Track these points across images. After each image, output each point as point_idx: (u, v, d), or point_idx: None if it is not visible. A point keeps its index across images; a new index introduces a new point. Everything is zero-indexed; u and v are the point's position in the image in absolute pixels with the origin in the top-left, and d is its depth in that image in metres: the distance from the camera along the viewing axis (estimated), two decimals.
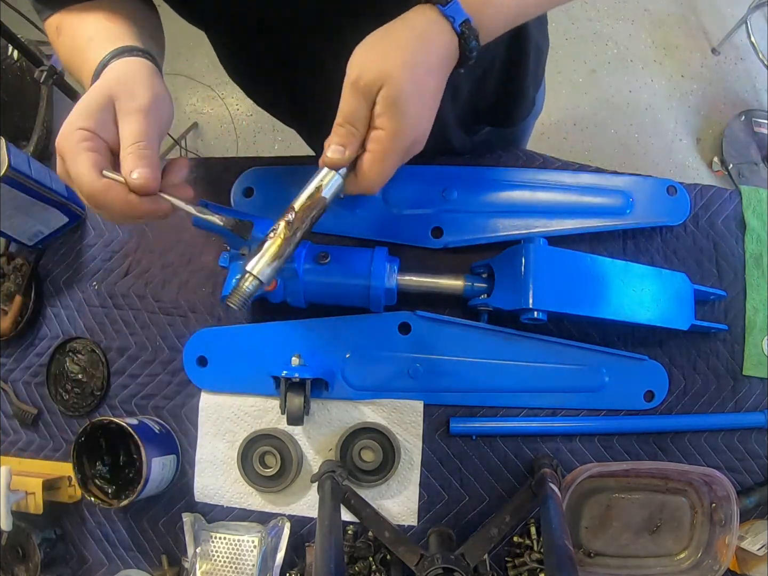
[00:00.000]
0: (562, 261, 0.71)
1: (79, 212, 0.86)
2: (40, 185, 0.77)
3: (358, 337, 0.78)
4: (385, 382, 0.77)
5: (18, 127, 1.42)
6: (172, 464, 0.76)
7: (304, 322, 0.78)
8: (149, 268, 0.85)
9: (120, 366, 0.82)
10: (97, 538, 0.79)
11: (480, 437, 0.77)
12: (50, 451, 0.82)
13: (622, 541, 0.75)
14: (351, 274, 0.72)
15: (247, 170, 0.85)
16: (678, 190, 0.80)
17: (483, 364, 0.76)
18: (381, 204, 0.83)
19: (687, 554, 0.75)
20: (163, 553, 0.77)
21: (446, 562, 0.56)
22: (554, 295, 0.68)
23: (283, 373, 0.68)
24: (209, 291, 0.83)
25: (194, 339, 0.79)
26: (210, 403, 0.79)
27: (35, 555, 0.75)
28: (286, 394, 0.70)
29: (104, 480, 0.75)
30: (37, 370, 0.84)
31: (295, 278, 0.71)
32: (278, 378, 0.70)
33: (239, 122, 2.13)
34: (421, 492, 0.76)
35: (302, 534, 0.76)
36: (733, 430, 0.77)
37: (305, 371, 0.69)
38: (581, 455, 0.76)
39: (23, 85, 1.39)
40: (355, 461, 0.75)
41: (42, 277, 0.86)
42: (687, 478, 0.74)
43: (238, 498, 0.77)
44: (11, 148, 0.74)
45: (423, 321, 0.77)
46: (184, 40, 2.22)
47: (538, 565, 0.72)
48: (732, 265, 0.81)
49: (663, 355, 0.78)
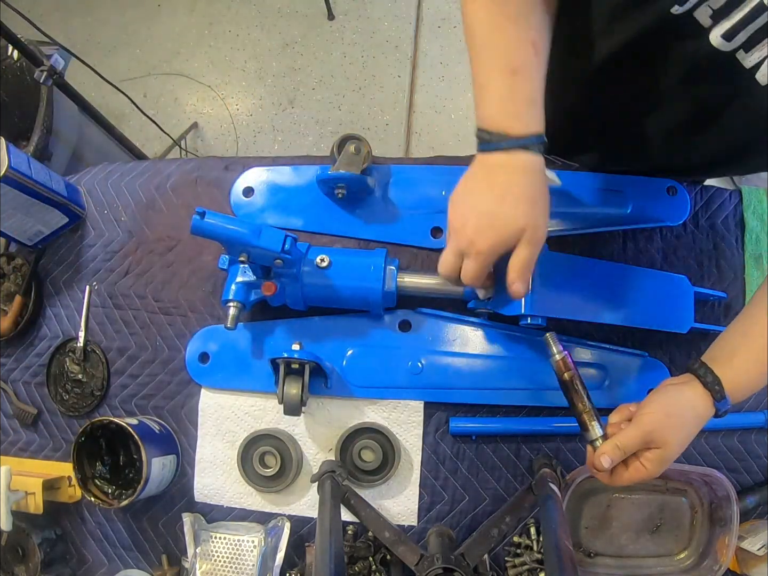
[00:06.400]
0: (561, 266, 0.70)
1: (79, 212, 0.86)
2: (40, 185, 0.77)
3: (358, 334, 0.78)
4: (385, 378, 0.77)
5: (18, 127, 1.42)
6: (172, 464, 0.76)
7: (304, 320, 0.78)
8: (149, 268, 0.85)
9: (120, 366, 0.82)
10: (97, 538, 0.79)
11: (480, 437, 0.77)
12: (50, 451, 0.82)
13: (622, 541, 0.75)
14: (351, 278, 0.72)
15: (247, 170, 0.85)
16: (678, 190, 0.80)
17: (483, 361, 0.76)
18: (381, 204, 0.83)
19: (687, 554, 0.75)
20: (163, 553, 0.77)
21: (446, 562, 0.56)
22: (552, 301, 0.67)
23: (284, 355, 0.69)
24: (209, 291, 0.83)
25: (198, 336, 0.80)
26: (210, 403, 0.79)
27: (35, 555, 0.75)
28: (285, 380, 0.70)
29: (104, 480, 0.75)
30: (37, 370, 0.84)
31: (295, 282, 0.71)
32: (277, 363, 0.70)
33: (239, 122, 2.13)
34: (421, 492, 0.76)
35: (302, 534, 0.76)
36: (733, 430, 0.77)
37: (305, 354, 0.69)
38: (581, 455, 0.76)
39: (23, 85, 1.39)
40: (355, 461, 0.75)
41: (42, 277, 0.86)
42: (687, 478, 0.74)
43: (238, 498, 0.77)
44: (11, 148, 0.74)
45: (423, 318, 0.78)
46: (185, 40, 2.23)
47: (538, 565, 0.72)
48: (732, 265, 0.81)
49: (663, 355, 0.78)
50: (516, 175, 0.57)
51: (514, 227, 0.56)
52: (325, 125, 2.09)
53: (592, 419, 0.60)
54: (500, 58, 0.57)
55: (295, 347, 0.71)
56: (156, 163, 0.90)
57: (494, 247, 0.57)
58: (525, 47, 0.56)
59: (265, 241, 0.65)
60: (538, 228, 0.57)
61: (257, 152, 2.10)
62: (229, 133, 2.13)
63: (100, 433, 0.75)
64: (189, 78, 2.19)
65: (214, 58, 2.21)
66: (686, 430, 0.58)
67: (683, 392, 0.59)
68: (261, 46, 2.20)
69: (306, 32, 2.19)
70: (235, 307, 0.72)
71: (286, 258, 0.67)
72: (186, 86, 2.19)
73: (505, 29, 0.56)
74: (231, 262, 0.75)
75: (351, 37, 2.18)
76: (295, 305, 0.75)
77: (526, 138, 0.56)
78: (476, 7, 0.58)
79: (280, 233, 0.66)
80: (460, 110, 2.07)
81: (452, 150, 2.01)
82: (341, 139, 0.81)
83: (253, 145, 2.11)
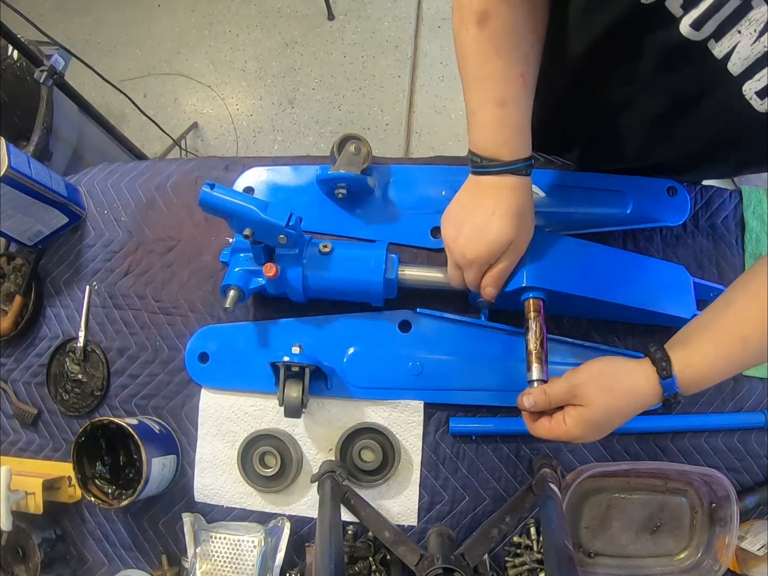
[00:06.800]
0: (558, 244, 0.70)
1: (79, 212, 0.86)
2: (40, 185, 0.77)
3: (358, 335, 0.78)
4: (385, 379, 0.77)
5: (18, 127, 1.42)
6: (172, 464, 0.76)
7: (305, 319, 0.78)
8: (149, 268, 0.85)
9: (120, 366, 0.82)
10: (97, 538, 0.79)
11: (480, 437, 0.77)
12: (50, 451, 0.82)
13: (622, 541, 0.75)
14: (352, 265, 0.72)
15: (247, 170, 0.85)
16: (678, 191, 0.80)
17: (484, 362, 0.76)
18: (381, 204, 0.83)
19: (687, 554, 0.75)
20: (163, 553, 0.77)
21: (446, 562, 0.56)
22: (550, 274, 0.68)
23: (284, 359, 0.69)
24: (209, 290, 0.83)
25: (197, 336, 0.80)
26: (210, 403, 0.79)
27: (35, 555, 0.75)
28: (285, 384, 0.70)
29: (104, 480, 0.75)
30: (37, 370, 0.84)
31: (297, 266, 0.71)
32: (277, 367, 0.70)
33: (239, 122, 2.13)
34: (421, 492, 0.76)
35: (302, 534, 0.76)
36: (733, 430, 0.77)
37: (305, 358, 0.69)
38: (581, 455, 0.76)
39: (23, 85, 1.39)
40: (355, 461, 0.75)
41: (42, 277, 0.86)
42: (687, 478, 0.74)
43: (238, 498, 0.77)
44: (11, 148, 0.74)
45: (424, 319, 0.78)
46: (185, 40, 2.23)
47: (538, 565, 0.72)
48: (732, 265, 0.81)
49: None
50: (504, 194, 0.62)
51: (503, 240, 0.62)
52: (325, 125, 2.09)
53: (537, 362, 0.64)
54: (490, 90, 0.60)
55: (295, 350, 0.70)
56: (156, 163, 0.90)
57: (484, 257, 0.64)
58: (514, 80, 0.60)
59: (271, 214, 0.66)
60: (522, 240, 0.64)
61: (257, 152, 2.10)
62: (229, 133, 2.13)
63: (100, 433, 0.75)
64: (189, 78, 2.19)
65: (214, 58, 2.21)
66: (614, 396, 0.57)
67: (627, 362, 0.60)
68: (261, 46, 2.20)
69: (306, 32, 2.19)
70: (234, 290, 0.72)
71: (291, 234, 0.67)
72: (186, 86, 2.19)
73: (495, 62, 0.60)
74: (232, 252, 0.75)
75: (351, 37, 2.18)
76: (296, 295, 0.74)
77: (514, 163, 0.61)
78: (468, 39, 0.60)
79: (286, 209, 0.67)
80: (460, 110, 2.07)
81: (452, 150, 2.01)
82: (341, 139, 0.81)
83: (253, 145, 2.11)
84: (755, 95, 0.52)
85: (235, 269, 0.74)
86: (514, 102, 0.60)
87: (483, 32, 0.59)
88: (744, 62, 0.51)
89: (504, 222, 0.62)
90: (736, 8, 0.48)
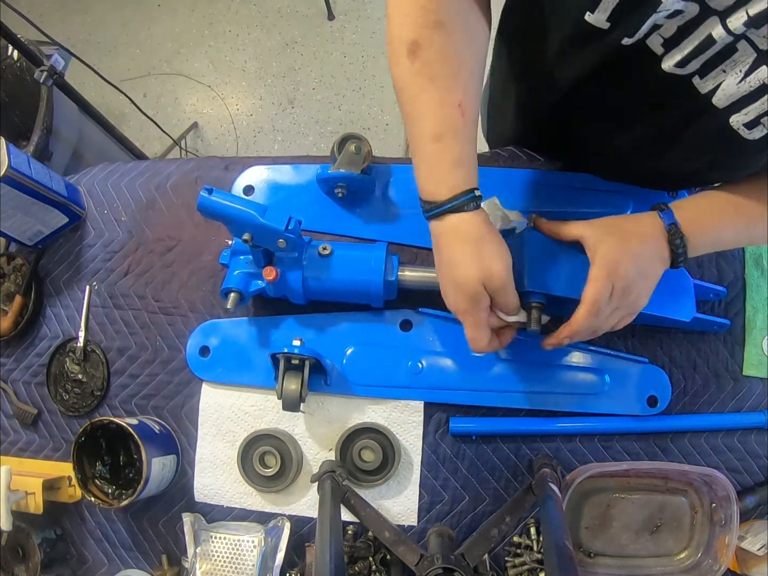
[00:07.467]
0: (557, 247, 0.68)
1: (79, 212, 0.86)
2: (40, 185, 0.77)
3: (359, 333, 0.78)
4: (385, 377, 0.77)
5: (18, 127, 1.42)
6: (172, 464, 0.76)
7: (305, 316, 0.79)
8: (149, 268, 0.85)
9: (120, 366, 0.82)
10: (97, 538, 0.79)
11: (480, 437, 0.77)
12: (50, 451, 0.82)
13: (622, 541, 0.75)
14: (352, 267, 0.72)
15: (247, 168, 0.86)
16: (678, 191, 0.80)
17: (484, 363, 0.76)
18: (381, 204, 0.83)
19: (687, 554, 0.75)
20: (163, 553, 0.77)
21: (446, 562, 0.56)
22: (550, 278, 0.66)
23: (284, 350, 0.69)
24: (209, 290, 0.83)
25: (199, 330, 0.80)
26: (210, 403, 0.79)
27: (35, 555, 0.75)
28: (284, 376, 0.70)
29: (104, 480, 0.75)
30: (37, 370, 0.84)
31: (297, 269, 0.71)
32: (277, 358, 0.70)
33: (239, 122, 2.13)
34: (421, 492, 0.76)
35: (302, 534, 0.76)
36: (733, 430, 0.77)
37: (305, 350, 0.70)
38: (581, 455, 0.76)
39: (23, 85, 1.39)
40: (355, 461, 0.75)
41: (42, 277, 0.86)
42: (687, 478, 0.74)
43: (238, 498, 0.77)
44: (11, 148, 0.74)
45: (425, 318, 0.78)
46: (184, 40, 2.23)
47: (538, 565, 0.72)
48: (732, 265, 0.81)
49: (663, 356, 0.78)
50: (454, 238, 0.59)
51: (474, 286, 0.58)
52: (325, 125, 2.09)
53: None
54: (424, 124, 0.57)
55: (295, 343, 0.71)
56: (156, 163, 0.90)
57: (472, 306, 0.60)
58: (450, 110, 0.56)
59: (269, 218, 0.66)
60: (494, 276, 0.58)
61: (257, 152, 2.10)
62: (229, 133, 2.13)
63: (100, 433, 0.75)
64: (189, 78, 2.19)
65: (214, 58, 2.21)
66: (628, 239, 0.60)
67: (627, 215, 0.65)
68: (261, 46, 2.20)
69: (306, 32, 2.19)
70: (234, 293, 0.72)
71: (290, 238, 0.67)
72: (186, 86, 2.19)
73: (429, 92, 0.56)
74: (232, 254, 0.75)
75: (351, 37, 2.18)
76: (296, 297, 0.74)
77: (452, 200, 0.57)
78: (400, 72, 0.58)
79: (285, 212, 0.67)
80: None
81: None
82: (341, 138, 0.81)
83: (253, 145, 2.11)
84: (743, 126, 0.52)
85: (234, 272, 0.74)
86: (450, 134, 0.57)
87: (415, 63, 0.56)
88: (729, 98, 0.51)
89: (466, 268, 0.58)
90: (719, 50, 0.48)
